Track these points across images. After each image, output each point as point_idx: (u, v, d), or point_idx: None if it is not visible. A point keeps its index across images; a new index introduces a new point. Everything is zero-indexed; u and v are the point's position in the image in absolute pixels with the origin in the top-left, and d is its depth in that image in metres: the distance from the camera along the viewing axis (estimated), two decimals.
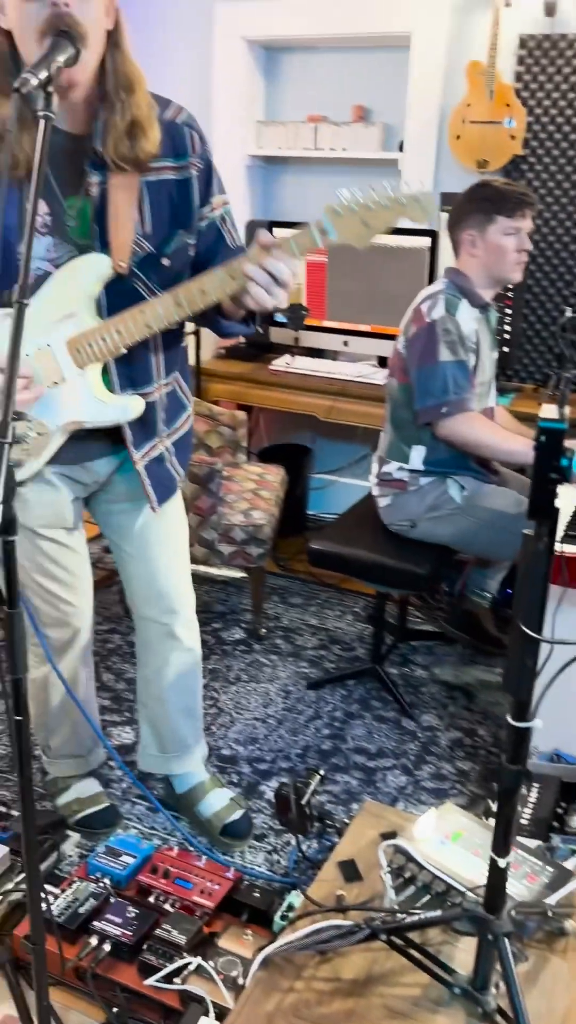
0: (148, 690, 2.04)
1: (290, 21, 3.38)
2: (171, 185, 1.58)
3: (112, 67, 1.46)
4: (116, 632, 2.96)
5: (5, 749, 2.35)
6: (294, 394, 3.31)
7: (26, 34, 1.37)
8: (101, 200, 1.53)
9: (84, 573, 1.90)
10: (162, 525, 1.87)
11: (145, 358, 1.68)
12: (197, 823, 2.09)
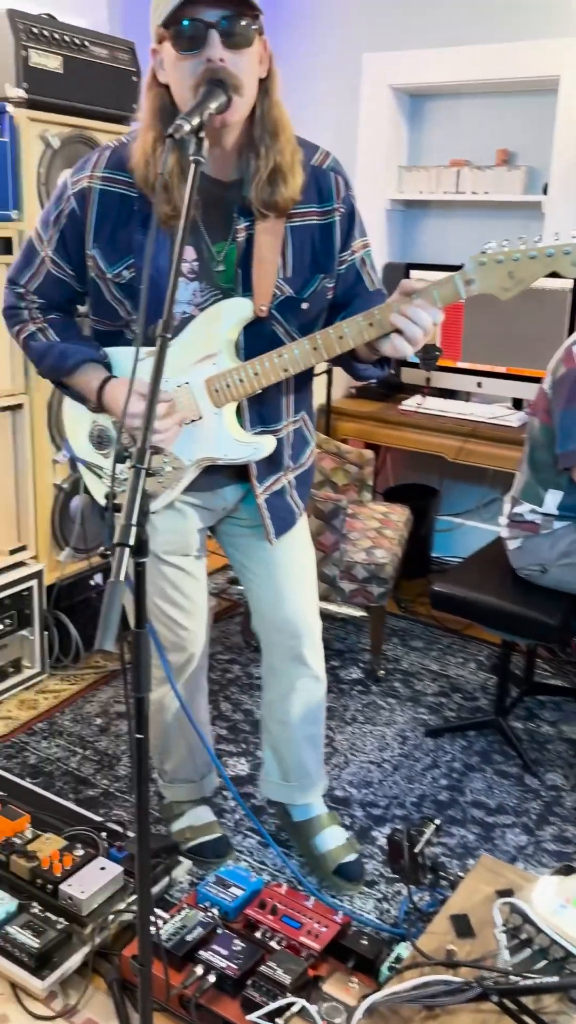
0: (272, 714, 2.04)
1: (436, 69, 3.42)
2: (314, 229, 1.61)
3: (260, 113, 1.51)
4: (236, 663, 2.99)
5: (125, 769, 2.40)
6: (423, 434, 3.29)
7: (183, 88, 1.43)
8: (247, 245, 1.58)
9: (202, 600, 1.94)
10: (290, 548, 1.89)
11: (276, 398, 1.71)
12: (310, 856, 2.07)
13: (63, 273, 1.66)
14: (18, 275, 1.71)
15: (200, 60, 1.39)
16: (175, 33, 1.40)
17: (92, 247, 1.60)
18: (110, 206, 1.57)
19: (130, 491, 1.09)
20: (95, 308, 1.68)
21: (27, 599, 2.69)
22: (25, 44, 2.39)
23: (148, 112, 1.52)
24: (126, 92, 2.73)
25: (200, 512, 1.83)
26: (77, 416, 1.79)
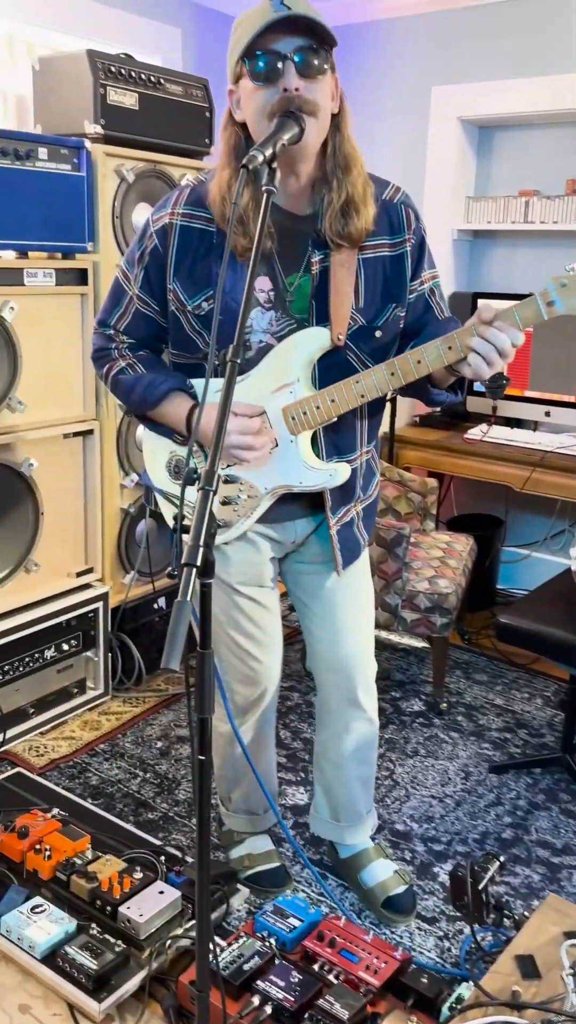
0: (325, 753, 2.02)
1: (504, 100, 3.43)
2: (386, 261, 1.63)
3: (333, 148, 1.54)
4: (296, 690, 2.98)
5: (185, 794, 2.40)
6: (490, 463, 3.25)
7: (259, 119, 1.48)
8: (321, 276, 1.60)
9: (275, 632, 1.92)
10: (350, 588, 1.88)
11: (352, 427, 1.72)
12: (358, 891, 2.04)
13: (150, 309, 1.70)
14: (108, 316, 1.75)
15: (276, 90, 1.44)
16: (252, 66, 1.45)
17: (173, 280, 1.65)
18: (190, 241, 1.62)
19: (198, 512, 1.10)
20: (175, 341, 1.72)
21: (93, 621, 2.73)
22: (103, 82, 2.47)
23: (224, 150, 1.57)
24: (199, 127, 2.81)
25: (271, 543, 1.83)
26: (155, 447, 1.82)
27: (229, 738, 1.99)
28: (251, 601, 1.86)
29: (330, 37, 1.45)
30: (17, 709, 2.57)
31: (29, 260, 2.42)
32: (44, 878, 1.91)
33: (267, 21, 1.40)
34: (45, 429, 2.49)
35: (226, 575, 1.82)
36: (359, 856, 2.06)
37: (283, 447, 1.67)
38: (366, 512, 1.86)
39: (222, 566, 1.81)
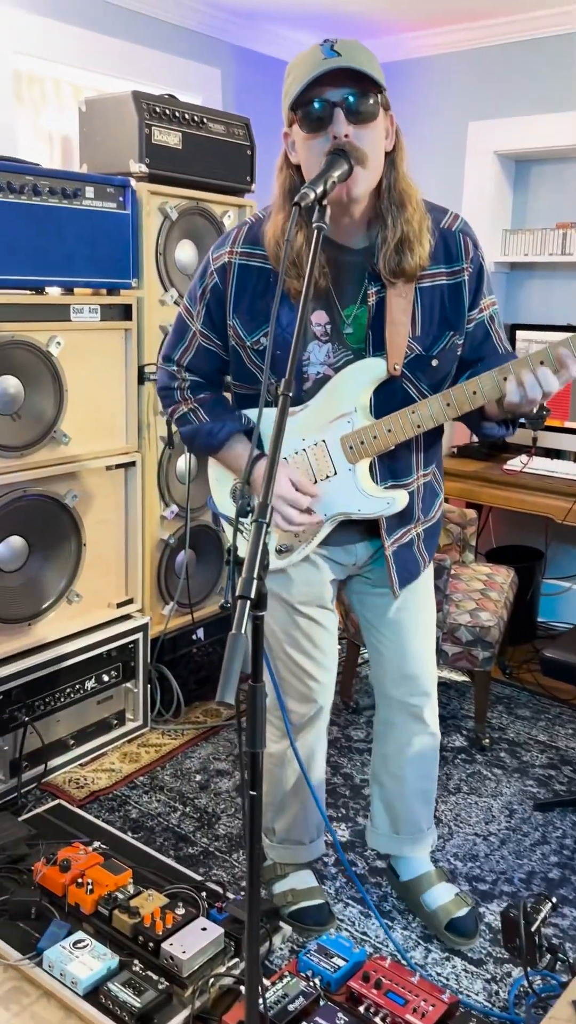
0: (386, 767, 2.03)
1: (540, 134, 3.45)
2: (444, 289, 1.64)
3: (388, 185, 1.56)
4: (334, 724, 2.94)
5: (225, 829, 2.38)
6: (530, 495, 3.23)
7: (312, 165, 1.50)
8: (378, 307, 1.62)
9: (332, 652, 1.95)
10: (416, 608, 1.90)
11: (407, 453, 1.74)
12: (421, 914, 2.05)
13: (212, 344, 1.75)
14: (172, 351, 1.80)
15: (327, 137, 1.46)
16: (303, 114, 1.48)
17: (232, 317, 1.68)
18: (248, 279, 1.65)
19: (251, 545, 1.10)
20: (236, 374, 1.76)
21: (133, 652, 2.74)
22: (148, 123, 2.53)
23: (279, 192, 1.60)
24: (241, 166, 2.86)
25: (332, 565, 1.86)
26: (219, 474, 1.85)
27: (279, 760, 1.99)
28: (311, 621, 1.88)
29: (379, 81, 1.46)
30: (58, 740, 2.57)
31: (75, 296, 2.46)
32: (86, 912, 1.90)
33: (317, 72, 1.42)
34: (89, 461, 2.52)
35: (287, 594, 1.84)
36: (421, 879, 2.07)
37: (342, 475, 1.69)
38: (427, 533, 1.87)
39: (284, 585, 1.84)
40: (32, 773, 2.49)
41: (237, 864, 2.25)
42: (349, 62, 1.42)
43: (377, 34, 3.63)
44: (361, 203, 1.56)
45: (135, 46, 3.20)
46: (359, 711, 3.04)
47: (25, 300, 2.31)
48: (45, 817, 2.28)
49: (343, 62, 1.42)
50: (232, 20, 3.49)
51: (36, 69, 3.04)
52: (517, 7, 3.30)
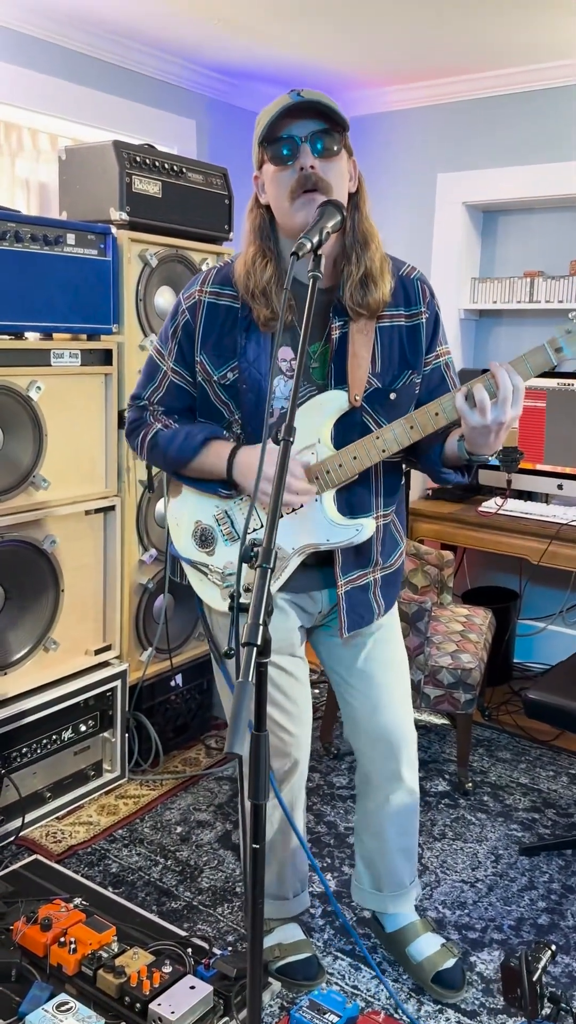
0: (367, 825, 1.99)
1: (507, 186, 3.56)
2: (402, 330, 1.71)
3: (352, 225, 1.64)
4: (315, 771, 2.91)
5: (208, 882, 2.32)
6: (505, 536, 3.26)
7: (280, 199, 1.59)
8: (340, 343, 1.67)
9: (305, 703, 1.91)
10: (385, 657, 1.87)
11: (365, 486, 1.75)
12: (406, 965, 2.00)
13: (183, 381, 1.77)
14: (142, 390, 1.82)
15: (294, 169, 1.55)
16: (272, 150, 1.57)
17: (200, 353, 1.72)
18: (216, 316, 1.71)
19: (256, 590, 1.09)
20: (202, 411, 1.78)
21: (110, 700, 2.69)
22: (129, 172, 2.56)
23: (249, 230, 1.68)
24: (219, 214, 2.90)
25: (299, 612, 1.83)
26: (179, 518, 1.84)
27: None
28: (281, 671, 1.84)
29: (342, 120, 1.56)
30: (34, 793, 2.50)
31: (55, 341, 2.46)
32: (69, 973, 1.83)
33: (283, 107, 1.52)
34: (68, 506, 2.50)
35: None
36: (406, 930, 2.02)
37: (308, 507, 1.70)
38: (385, 581, 1.85)
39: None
40: (7, 828, 2.41)
41: (222, 918, 2.19)
42: (314, 98, 1.53)
43: (348, 89, 3.73)
44: (329, 242, 1.59)
45: (112, 97, 3.25)
46: (340, 757, 3.01)
47: (5, 345, 2.30)
48: (22, 873, 2.20)
49: (309, 98, 1.53)
50: (207, 74, 3.57)
51: (13, 118, 3.07)
52: (483, 66, 3.42)
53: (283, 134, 1.54)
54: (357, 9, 2.83)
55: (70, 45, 3.08)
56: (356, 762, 2.00)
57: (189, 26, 3.03)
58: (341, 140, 1.58)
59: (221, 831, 2.55)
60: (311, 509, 1.70)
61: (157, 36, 3.15)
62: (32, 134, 3.18)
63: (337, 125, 1.56)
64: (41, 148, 3.21)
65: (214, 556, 1.80)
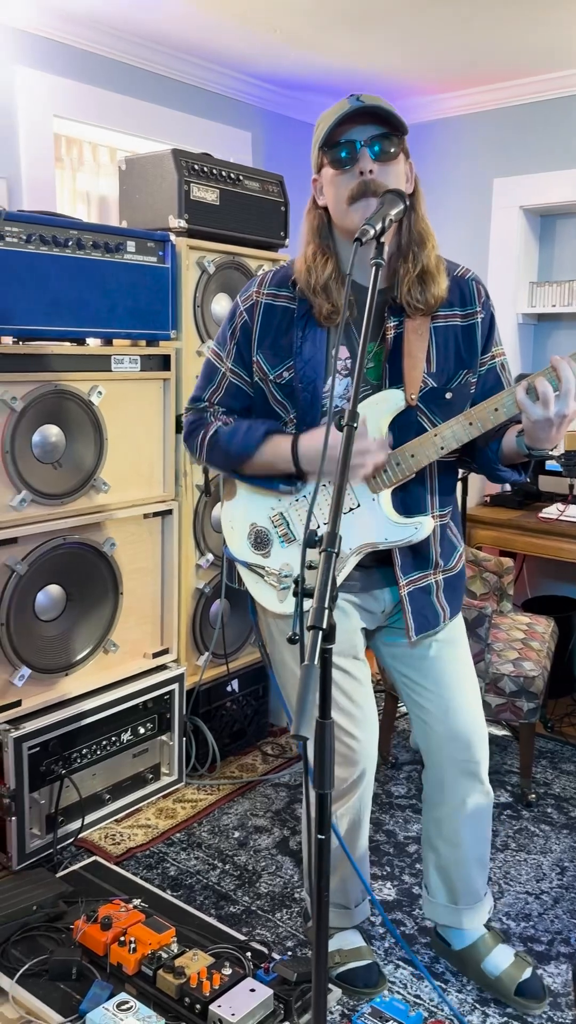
0: (440, 832, 1.92)
1: (564, 189, 3.51)
2: (457, 330, 1.70)
3: (408, 225, 1.65)
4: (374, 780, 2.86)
5: (267, 887, 2.30)
6: (568, 542, 3.19)
7: (339, 201, 1.60)
8: (395, 342, 1.67)
9: (370, 706, 1.86)
10: (454, 659, 1.83)
11: (419, 486, 1.73)
12: (483, 982, 1.93)
13: (242, 382, 1.78)
14: (201, 392, 1.84)
15: (353, 174, 1.56)
16: (331, 155, 1.59)
17: (257, 353, 1.74)
18: (273, 317, 1.72)
19: (321, 574, 1.08)
20: (258, 411, 1.79)
21: (168, 703, 2.69)
22: (187, 179, 2.59)
23: (308, 230, 1.69)
24: (275, 221, 2.91)
25: (362, 613, 1.81)
26: (234, 520, 1.84)
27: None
28: (345, 674, 1.81)
29: (400, 124, 1.57)
30: (94, 795, 2.51)
31: (116, 347, 2.50)
32: (129, 972, 1.83)
33: (343, 112, 1.54)
34: (127, 509, 2.52)
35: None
36: (477, 946, 1.95)
37: (365, 506, 1.70)
38: (448, 584, 1.82)
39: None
40: (68, 828, 2.43)
41: (281, 924, 2.16)
42: (374, 103, 1.54)
43: (403, 97, 3.74)
44: (387, 241, 1.59)
45: (169, 110, 3.31)
46: (398, 766, 2.96)
47: (68, 351, 2.33)
48: (82, 874, 2.21)
49: (369, 103, 1.54)
50: (262, 86, 3.61)
51: (74, 132, 3.14)
52: (538, 69, 3.39)
53: (342, 139, 1.56)
54: (411, 17, 2.83)
55: (129, 60, 3.14)
56: (424, 768, 1.94)
57: (245, 38, 3.07)
58: (399, 144, 1.60)
59: (279, 837, 2.53)
60: (369, 508, 1.69)
61: (213, 49, 3.19)
62: (92, 148, 3.24)
63: (396, 129, 1.57)
64: (101, 162, 3.28)
65: (270, 558, 1.80)
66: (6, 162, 2.86)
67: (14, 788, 2.26)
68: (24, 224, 2.18)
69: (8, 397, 2.17)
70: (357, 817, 1.90)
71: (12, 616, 2.25)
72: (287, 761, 2.96)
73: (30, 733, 2.28)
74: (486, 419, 1.61)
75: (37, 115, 2.90)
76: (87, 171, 3.24)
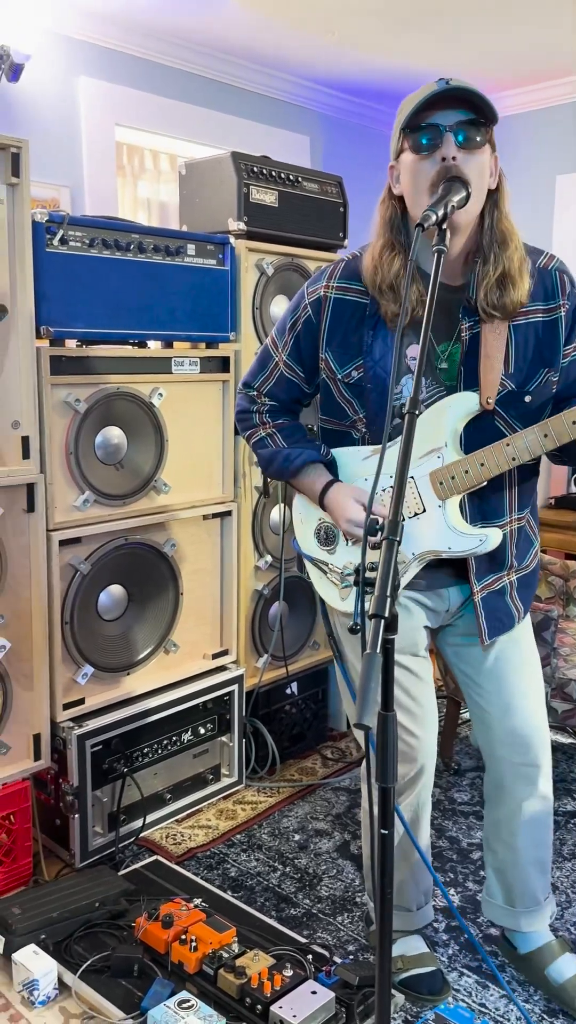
0: (498, 835, 1.89)
1: None
2: (539, 326, 1.62)
3: (490, 223, 1.58)
4: (436, 786, 2.82)
5: (327, 891, 2.28)
6: None
7: (417, 190, 1.52)
8: (471, 343, 1.61)
9: (431, 704, 1.84)
10: (518, 660, 1.79)
11: (499, 492, 1.68)
12: (547, 989, 1.89)
13: (294, 375, 1.77)
14: (252, 379, 1.83)
15: (435, 160, 1.49)
16: (413, 138, 1.51)
17: (325, 350, 1.70)
18: (343, 312, 1.67)
19: (382, 563, 1.06)
20: (324, 408, 1.76)
21: (228, 704, 2.69)
22: (246, 182, 2.61)
23: (380, 222, 1.63)
24: (334, 222, 2.91)
25: (425, 611, 1.79)
26: (305, 514, 1.83)
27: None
28: (406, 671, 1.79)
29: (491, 111, 1.49)
30: (155, 794, 2.52)
31: (176, 349, 2.52)
32: (190, 971, 1.82)
33: (429, 94, 1.47)
34: (187, 510, 2.54)
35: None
36: (543, 951, 1.91)
37: (431, 512, 1.64)
38: (521, 583, 1.78)
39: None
40: (130, 827, 2.44)
41: (342, 927, 2.14)
42: (464, 85, 1.47)
43: None
44: (462, 236, 1.56)
45: (228, 116, 3.34)
46: (461, 773, 2.91)
47: (130, 353, 2.36)
48: (143, 873, 2.22)
49: (459, 85, 1.47)
50: (320, 90, 3.62)
51: (135, 140, 3.20)
52: None
53: (426, 122, 1.48)
54: (467, 15, 2.81)
55: (188, 67, 3.19)
56: (485, 768, 1.91)
57: (301, 43, 3.08)
58: (487, 133, 1.51)
59: (340, 841, 2.50)
60: (434, 515, 1.64)
61: (271, 54, 3.22)
62: (153, 155, 3.29)
63: (485, 116, 1.49)
64: (161, 169, 3.32)
65: (335, 555, 1.78)
66: (70, 171, 2.92)
67: (77, 785, 2.29)
68: (87, 228, 2.22)
69: (72, 399, 2.21)
70: (416, 814, 1.88)
71: (76, 615, 2.28)
72: (347, 765, 2.93)
73: (93, 731, 2.30)
74: (562, 432, 1.53)
75: (99, 124, 2.95)
76: (148, 178, 3.29)
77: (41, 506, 2.15)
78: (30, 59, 2.80)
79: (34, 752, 2.23)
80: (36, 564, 2.16)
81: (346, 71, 3.38)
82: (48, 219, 2.12)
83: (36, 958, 1.85)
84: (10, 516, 2.12)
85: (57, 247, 2.15)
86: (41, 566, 2.17)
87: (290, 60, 3.25)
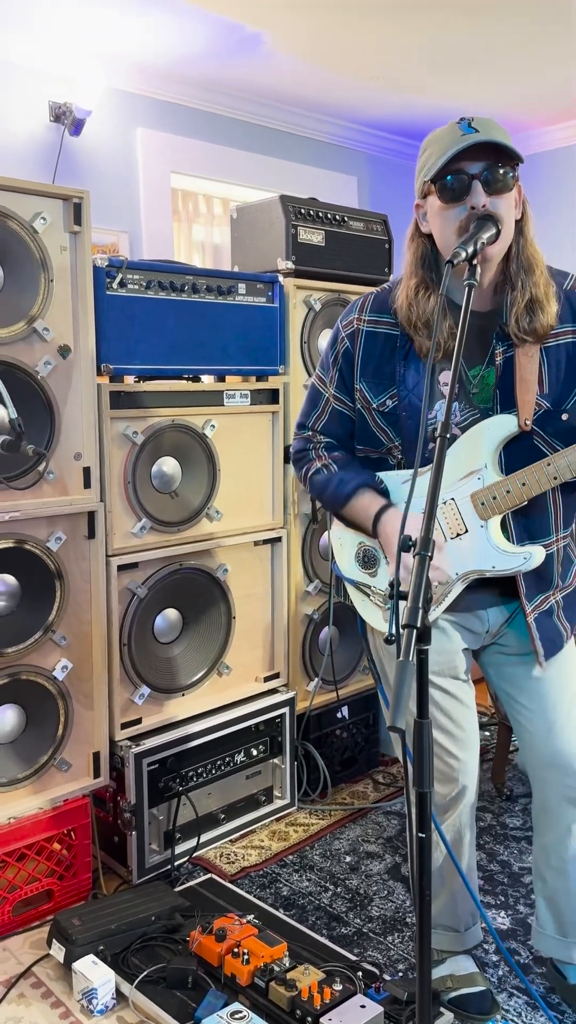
0: (547, 860, 1.88)
1: None
2: (570, 347, 1.67)
3: (516, 251, 1.63)
4: (487, 811, 2.83)
5: (378, 911, 2.31)
6: None
7: (447, 234, 1.59)
8: (506, 367, 1.66)
9: (472, 727, 1.86)
10: (560, 677, 1.80)
11: (544, 511, 1.72)
12: None
13: (345, 407, 1.83)
14: (306, 419, 1.90)
15: (464, 207, 1.55)
16: (441, 187, 1.57)
17: (359, 380, 1.77)
18: (375, 343, 1.75)
19: (415, 577, 1.12)
20: (360, 437, 1.82)
21: (279, 726, 2.76)
22: (294, 223, 2.73)
23: (410, 260, 1.69)
24: (379, 258, 3.01)
25: (463, 633, 1.82)
26: (344, 538, 1.89)
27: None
28: (445, 694, 1.82)
29: (516, 155, 1.55)
30: (209, 814, 2.59)
31: (228, 383, 2.63)
32: (242, 983, 1.87)
33: (457, 148, 1.51)
34: (238, 536, 2.63)
35: None
36: None
37: (473, 532, 1.68)
38: (567, 601, 1.80)
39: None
40: (185, 846, 2.51)
41: (392, 947, 2.16)
42: (487, 136, 1.52)
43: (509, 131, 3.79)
44: (491, 269, 1.62)
45: (277, 160, 3.48)
46: (513, 799, 2.91)
47: (185, 387, 2.48)
48: (198, 890, 2.28)
49: (481, 137, 1.52)
50: (366, 131, 3.75)
51: (189, 186, 3.35)
52: None
53: (455, 171, 1.53)
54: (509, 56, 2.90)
55: (238, 115, 3.34)
56: (532, 792, 1.92)
57: (347, 87, 3.21)
58: (513, 174, 1.56)
59: (390, 863, 2.53)
60: (476, 535, 1.68)
61: (316, 99, 3.36)
62: (207, 200, 3.45)
63: (510, 158, 1.54)
64: (214, 212, 3.48)
65: (376, 577, 1.83)
66: (128, 217, 3.08)
67: (135, 803, 2.37)
68: (143, 272, 2.35)
69: (130, 432, 2.33)
70: (459, 834, 1.89)
71: (133, 637, 2.38)
72: (399, 790, 2.95)
73: (149, 750, 2.39)
74: None
75: (156, 172, 3.12)
76: (202, 222, 3.45)
77: (101, 533, 2.27)
78: (91, 114, 2.99)
79: (93, 770, 2.33)
80: (96, 588, 2.27)
81: (390, 112, 3.51)
82: (108, 264, 2.26)
83: (95, 968, 1.93)
84: (72, 542, 2.24)
85: (116, 290, 2.28)
86: (101, 590, 2.28)
87: (335, 103, 3.39)
